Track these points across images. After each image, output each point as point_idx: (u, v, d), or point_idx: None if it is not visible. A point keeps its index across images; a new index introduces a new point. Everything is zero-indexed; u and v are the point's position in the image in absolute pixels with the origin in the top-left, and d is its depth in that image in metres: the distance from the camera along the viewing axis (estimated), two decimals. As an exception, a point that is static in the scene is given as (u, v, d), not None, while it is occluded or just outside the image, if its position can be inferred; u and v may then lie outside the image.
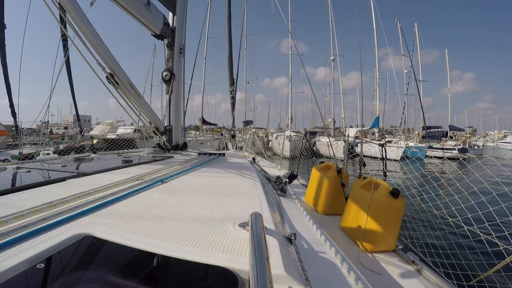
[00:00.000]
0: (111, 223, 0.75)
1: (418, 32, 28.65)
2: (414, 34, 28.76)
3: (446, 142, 20.79)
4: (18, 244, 0.62)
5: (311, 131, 26.73)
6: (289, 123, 22.20)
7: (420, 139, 22.60)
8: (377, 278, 1.43)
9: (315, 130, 27.97)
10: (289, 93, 23.37)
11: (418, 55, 28.48)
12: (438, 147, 18.39)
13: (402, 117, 28.39)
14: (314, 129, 30.09)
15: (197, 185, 1.38)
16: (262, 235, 0.61)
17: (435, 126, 26.23)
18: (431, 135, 23.08)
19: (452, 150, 17.80)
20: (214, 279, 0.62)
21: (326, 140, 12.54)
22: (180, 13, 3.27)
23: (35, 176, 1.48)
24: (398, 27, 26.99)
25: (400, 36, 27.21)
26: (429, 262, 2.25)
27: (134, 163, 1.96)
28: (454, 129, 24.62)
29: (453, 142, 20.66)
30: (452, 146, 19.22)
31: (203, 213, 0.90)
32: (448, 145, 19.74)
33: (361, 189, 1.94)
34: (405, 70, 28.06)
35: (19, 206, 0.83)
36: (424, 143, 19.97)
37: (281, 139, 18.10)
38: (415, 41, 28.39)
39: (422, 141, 21.60)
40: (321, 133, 23.44)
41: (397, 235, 1.77)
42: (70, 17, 1.84)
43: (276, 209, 1.11)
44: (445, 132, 23.04)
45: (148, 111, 2.84)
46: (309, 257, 0.76)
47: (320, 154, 10.07)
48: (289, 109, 23.12)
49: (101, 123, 29.11)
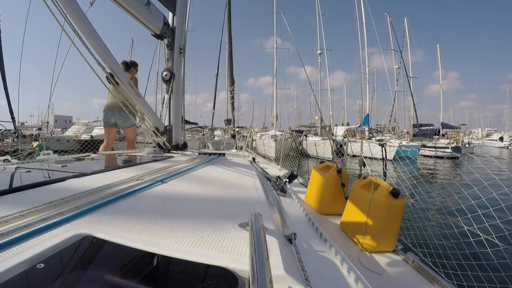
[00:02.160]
0: (111, 223, 0.75)
1: (408, 28, 28.15)
2: (404, 30, 28.29)
3: (438, 140, 20.23)
4: (18, 244, 0.62)
5: (297, 129, 25.40)
6: (274, 121, 20.98)
7: (411, 137, 21.94)
8: (377, 278, 1.43)
9: (301, 128, 26.79)
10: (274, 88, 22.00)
11: (408, 51, 27.99)
12: (431, 145, 17.81)
13: (391, 114, 27.62)
14: (300, 127, 28.85)
15: (197, 185, 1.38)
16: (262, 235, 0.61)
17: (427, 124, 25.32)
18: (422, 133, 22.35)
19: (445, 148, 17.32)
20: (214, 279, 0.62)
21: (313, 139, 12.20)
22: (180, 13, 3.27)
23: (35, 176, 1.48)
24: (387, 21, 26.53)
25: (390, 31, 26.71)
26: (429, 262, 2.25)
27: (134, 163, 1.96)
28: (447, 127, 23.83)
29: (446, 141, 20.11)
30: (445, 144, 18.72)
31: (203, 213, 0.90)
32: (441, 143, 19.20)
33: (361, 189, 1.94)
34: (396, 66, 27.55)
35: (19, 206, 0.83)
36: (415, 141, 19.41)
37: (265, 138, 17.15)
38: (405, 37, 27.91)
39: (414, 139, 20.94)
40: (307, 132, 22.38)
41: (397, 235, 1.77)
42: (70, 17, 1.84)
43: (276, 209, 1.11)
44: (437, 130, 22.31)
45: (148, 111, 2.84)
46: (309, 257, 0.76)
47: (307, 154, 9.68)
48: (274, 106, 21.87)
49: (76, 123, 28.14)
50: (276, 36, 21.63)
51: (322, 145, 13.69)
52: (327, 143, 11.59)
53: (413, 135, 23.13)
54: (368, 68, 23.98)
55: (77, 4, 1.85)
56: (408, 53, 28.07)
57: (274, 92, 22.24)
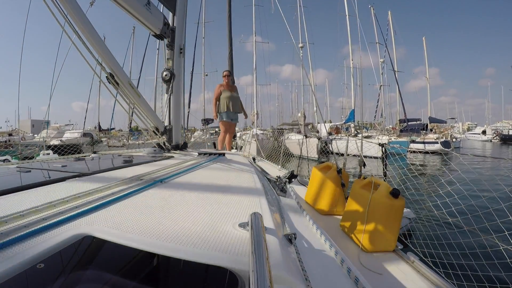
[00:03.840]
0: (111, 223, 0.75)
1: (392, 20, 27.47)
2: (388, 23, 27.53)
3: (426, 135, 19.47)
4: (18, 244, 0.62)
5: (279, 128, 23.93)
6: (255, 120, 19.00)
7: (398, 133, 21.12)
8: (377, 278, 1.43)
9: (283, 127, 25.20)
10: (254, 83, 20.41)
11: (392, 44, 27.19)
12: (419, 141, 17.30)
13: (376, 110, 26.47)
14: (282, 125, 27.30)
15: (197, 185, 1.38)
16: (262, 235, 0.61)
17: (413, 119, 24.56)
18: (410, 128, 21.55)
19: (434, 143, 16.83)
20: (214, 279, 0.62)
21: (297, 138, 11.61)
22: (180, 13, 3.27)
23: (35, 176, 1.48)
24: (372, 14, 25.58)
25: (374, 24, 25.87)
26: (429, 262, 2.25)
27: (134, 163, 1.96)
28: (435, 122, 23.20)
29: (434, 136, 19.37)
30: (434, 139, 18.03)
31: (203, 213, 0.90)
32: (429, 138, 18.47)
33: (361, 189, 1.95)
34: (381, 59, 26.33)
35: (19, 206, 0.83)
36: (403, 137, 18.64)
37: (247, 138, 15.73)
38: (389, 30, 27.16)
39: (401, 135, 20.13)
40: (290, 129, 20.88)
41: (397, 235, 1.77)
42: (70, 17, 1.84)
43: (276, 209, 1.11)
44: (424, 125, 21.58)
45: (148, 111, 2.83)
46: (309, 257, 0.76)
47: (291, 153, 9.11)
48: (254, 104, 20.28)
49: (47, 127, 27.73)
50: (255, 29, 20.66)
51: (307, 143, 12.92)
52: (312, 142, 11.12)
53: (400, 130, 22.39)
54: (352, 61, 23.40)
55: (77, 4, 1.85)
56: (393, 47, 27.35)
57: (254, 88, 20.78)
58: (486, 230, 2.17)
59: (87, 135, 20.55)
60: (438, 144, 16.77)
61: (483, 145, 32.38)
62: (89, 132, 23.11)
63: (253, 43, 20.94)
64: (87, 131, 23.17)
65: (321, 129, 20.47)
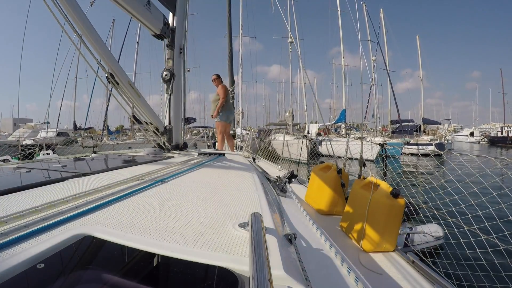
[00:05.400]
0: (111, 223, 0.75)
1: (384, 18, 26.77)
2: (380, 21, 26.80)
3: (420, 137, 18.94)
4: (18, 244, 0.62)
5: (265, 128, 22.72)
6: (240, 119, 17.59)
7: (390, 134, 20.34)
8: (377, 278, 1.43)
9: (270, 127, 24.33)
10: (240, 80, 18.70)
11: (384, 42, 26.44)
12: (413, 142, 16.54)
13: (366, 110, 25.08)
14: (269, 125, 26.43)
15: (197, 185, 1.38)
16: (262, 235, 0.61)
17: (406, 120, 24.01)
18: (403, 129, 20.78)
19: (429, 145, 16.18)
20: (214, 279, 0.62)
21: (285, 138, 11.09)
22: (180, 13, 3.27)
23: (35, 176, 1.49)
24: (364, 11, 24.64)
25: (366, 21, 24.91)
26: (429, 262, 2.25)
27: (134, 163, 1.96)
28: (428, 123, 22.61)
29: (428, 137, 18.89)
30: (429, 141, 17.52)
31: (203, 213, 0.90)
32: (423, 140, 17.93)
33: (361, 189, 1.95)
34: (373, 57, 25.57)
35: (19, 206, 0.83)
36: (395, 138, 17.97)
37: None
38: (380, 28, 26.46)
39: (393, 136, 19.38)
40: (277, 130, 20.00)
41: (397, 235, 1.77)
42: (70, 17, 1.84)
43: (276, 209, 1.11)
44: (418, 126, 21.15)
45: (149, 111, 2.83)
46: (309, 257, 0.76)
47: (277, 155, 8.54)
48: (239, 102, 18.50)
49: (21, 126, 25.74)
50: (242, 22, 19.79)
51: (296, 145, 11.83)
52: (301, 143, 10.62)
53: (392, 131, 21.41)
54: (344, 58, 22.62)
55: (77, 4, 1.85)
56: (385, 45, 26.62)
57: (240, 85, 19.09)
58: (486, 230, 2.17)
59: (63, 135, 19.96)
60: (433, 146, 16.54)
61: (471, 146, 32.40)
62: (64, 131, 22.47)
63: (239, 37, 19.70)
64: (63, 130, 22.33)
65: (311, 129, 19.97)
